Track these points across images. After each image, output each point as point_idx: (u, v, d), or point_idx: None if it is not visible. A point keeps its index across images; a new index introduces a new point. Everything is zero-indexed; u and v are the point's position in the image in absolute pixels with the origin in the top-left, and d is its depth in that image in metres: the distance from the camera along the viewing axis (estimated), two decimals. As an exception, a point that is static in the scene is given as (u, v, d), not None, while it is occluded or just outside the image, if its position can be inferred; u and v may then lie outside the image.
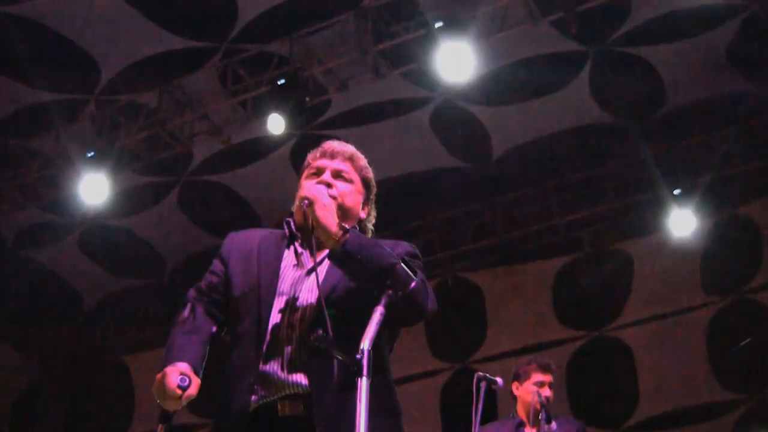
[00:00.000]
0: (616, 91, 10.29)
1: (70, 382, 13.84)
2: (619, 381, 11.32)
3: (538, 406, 5.95)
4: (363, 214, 3.37)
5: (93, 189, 9.93)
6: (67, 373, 13.84)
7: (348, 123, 10.35)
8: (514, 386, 6.34)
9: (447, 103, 10.39)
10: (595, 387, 11.18)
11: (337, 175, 3.30)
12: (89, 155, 10.02)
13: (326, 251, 3.06)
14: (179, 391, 2.95)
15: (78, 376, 13.79)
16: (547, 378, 6.23)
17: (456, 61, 8.65)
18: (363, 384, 2.60)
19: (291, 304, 3.08)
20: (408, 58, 9.17)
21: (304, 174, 3.37)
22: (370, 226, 3.42)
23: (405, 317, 3.02)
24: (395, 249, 3.11)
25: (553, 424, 5.72)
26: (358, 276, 2.98)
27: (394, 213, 10.89)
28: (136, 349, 13.27)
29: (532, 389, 6.12)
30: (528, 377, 6.26)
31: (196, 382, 3.00)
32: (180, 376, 2.96)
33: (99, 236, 12.02)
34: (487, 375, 5.75)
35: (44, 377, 13.89)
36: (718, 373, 10.85)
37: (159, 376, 3.00)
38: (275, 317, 3.07)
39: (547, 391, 6.08)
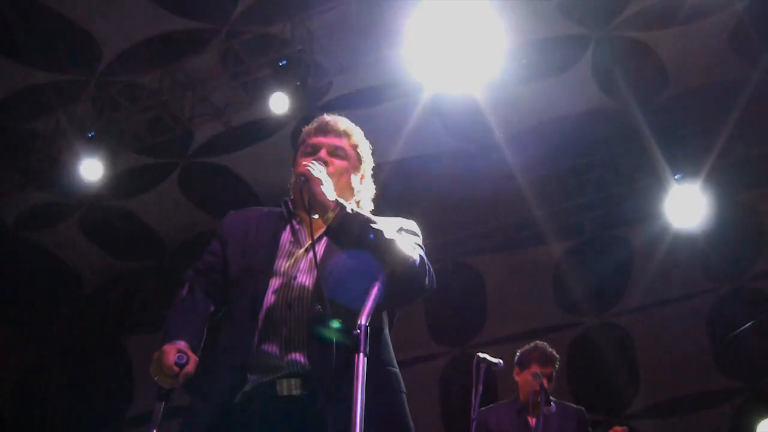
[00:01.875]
0: (618, 76, 10.26)
1: (69, 364, 13.86)
2: (619, 368, 11.33)
3: (537, 387, 5.98)
4: (361, 189, 3.37)
5: (94, 170, 9.96)
6: (67, 354, 13.86)
7: (349, 105, 10.33)
8: (516, 372, 6.37)
9: (448, 87, 10.36)
10: (595, 374, 11.19)
11: (333, 152, 3.30)
12: (90, 136, 10.02)
13: (324, 229, 3.06)
14: (176, 369, 2.96)
15: (77, 358, 13.80)
16: (547, 370, 6.25)
17: (457, 44, 8.64)
18: (360, 360, 2.60)
19: (289, 283, 3.08)
20: (410, 41, 9.16)
21: (300, 150, 3.38)
22: (368, 200, 3.42)
23: (403, 293, 3.03)
24: (393, 225, 3.12)
25: (552, 407, 5.74)
26: (356, 252, 2.97)
27: (394, 196, 10.88)
28: (135, 331, 13.29)
29: (529, 378, 6.15)
30: (528, 366, 6.28)
31: (194, 359, 3.01)
32: (178, 354, 2.97)
33: (99, 218, 12.02)
34: (488, 357, 5.78)
35: (43, 359, 13.91)
36: (719, 360, 10.86)
37: (157, 353, 3.01)
38: (272, 296, 3.07)
39: (544, 383, 6.08)
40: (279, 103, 9.24)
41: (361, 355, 2.61)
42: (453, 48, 8.71)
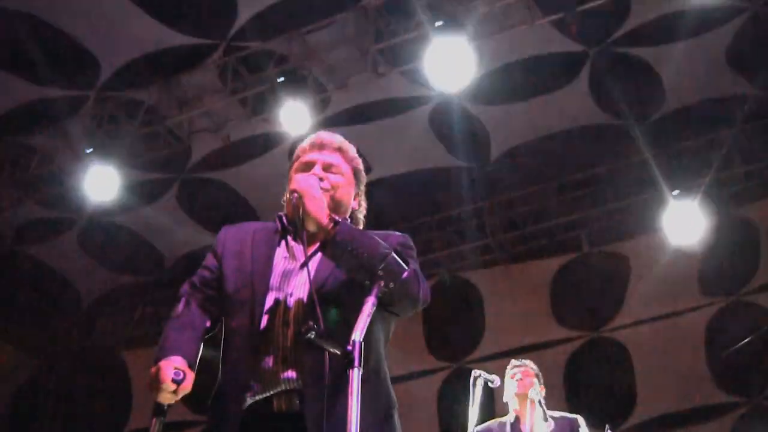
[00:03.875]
0: (615, 92, 10.27)
1: (68, 379, 13.83)
2: (616, 382, 11.29)
3: (526, 393, 6.09)
4: (355, 205, 3.36)
5: (93, 185, 9.96)
6: (65, 369, 13.83)
7: (347, 121, 10.35)
8: (504, 398, 6.46)
9: (446, 103, 10.38)
10: (592, 388, 11.15)
11: (328, 168, 3.29)
12: (88, 151, 10.02)
13: (318, 244, 3.06)
14: (174, 385, 2.94)
15: (76, 373, 13.78)
16: (519, 369, 6.40)
17: (455, 60, 8.65)
18: (354, 375, 2.59)
19: (284, 299, 3.07)
20: (407, 57, 9.17)
21: (294, 167, 3.37)
22: (361, 216, 3.41)
23: (398, 307, 3.01)
24: (387, 239, 3.11)
25: (551, 423, 5.75)
26: (350, 267, 2.97)
27: (392, 212, 10.90)
28: (134, 346, 13.26)
29: (510, 383, 6.29)
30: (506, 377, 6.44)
31: (191, 376, 3.00)
32: (174, 370, 2.95)
33: (98, 233, 12.01)
34: (484, 373, 5.81)
35: (42, 373, 13.89)
36: (716, 375, 10.83)
37: (153, 369, 2.99)
38: (268, 312, 3.06)
39: (519, 376, 6.26)
40: (277, 118, 9.25)
41: (356, 369, 2.60)
42: (451, 64, 8.71)
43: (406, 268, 2.93)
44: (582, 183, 11.51)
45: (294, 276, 3.11)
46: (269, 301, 3.07)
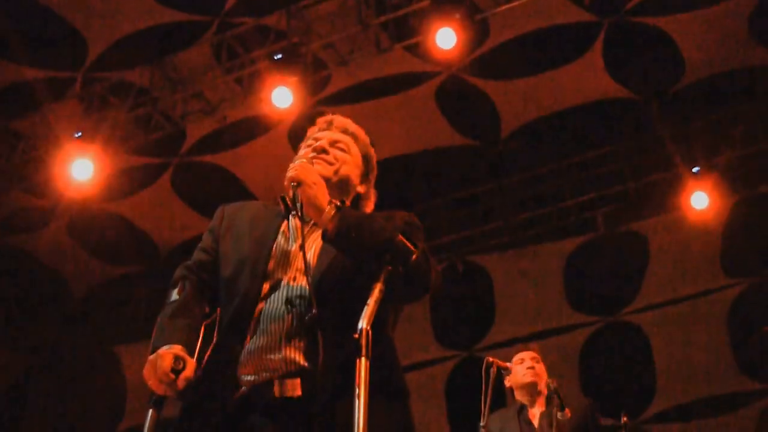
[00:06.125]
0: (631, 64, 10.25)
1: (59, 374, 13.85)
2: (634, 369, 11.29)
3: (538, 382, 6.13)
4: (361, 190, 3.34)
5: (81, 171, 9.94)
6: (56, 364, 13.84)
7: (349, 99, 10.34)
8: (507, 381, 6.46)
9: (453, 78, 10.36)
10: (609, 375, 11.15)
11: (334, 143, 3.29)
12: (77, 136, 10.01)
13: (322, 228, 3.04)
14: (172, 376, 2.93)
15: (67, 368, 13.79)
16: (528, 354, 6.43)
17: (462, 33, 8.62)
18: (362, 365, 2.58)
19: (284, 282, 3.06)
20: (411, 31, 9.15)
21: (302, 146, 3.38)
22: (369, 201, 3.38)
23: (408, 292, 2.99)
24: (391, 219, 3.09)
25: (567, 412, 5.78)
26: (355, 253, 2.94)
27: (398, 194, 10.89)
28: (127, 340, 13.26)
29: (519, 369, 6.29)
30: (512, 362, 6.43)
31: (192, 364, 2.98)
32: (174, 359, 2.94)
33: (88, 221, 12.00)
34: (497, 361, 5.84)
35: (32, 369, 13.90)
36: (741, 360, 10.82)
37: (152, 358, 2.97)
38: (268, 295, 3.05)
39: (530, 363, 6.28)
40: (276, 98, 9.24)
41: (363, 359, 2.58)
42: (457, 37, 8.69)
43: (415, 250, 2.90)
44: (597, 161, 11.47)
45: (295, 259, 3.10)
46: (269, 284, 3.07)
